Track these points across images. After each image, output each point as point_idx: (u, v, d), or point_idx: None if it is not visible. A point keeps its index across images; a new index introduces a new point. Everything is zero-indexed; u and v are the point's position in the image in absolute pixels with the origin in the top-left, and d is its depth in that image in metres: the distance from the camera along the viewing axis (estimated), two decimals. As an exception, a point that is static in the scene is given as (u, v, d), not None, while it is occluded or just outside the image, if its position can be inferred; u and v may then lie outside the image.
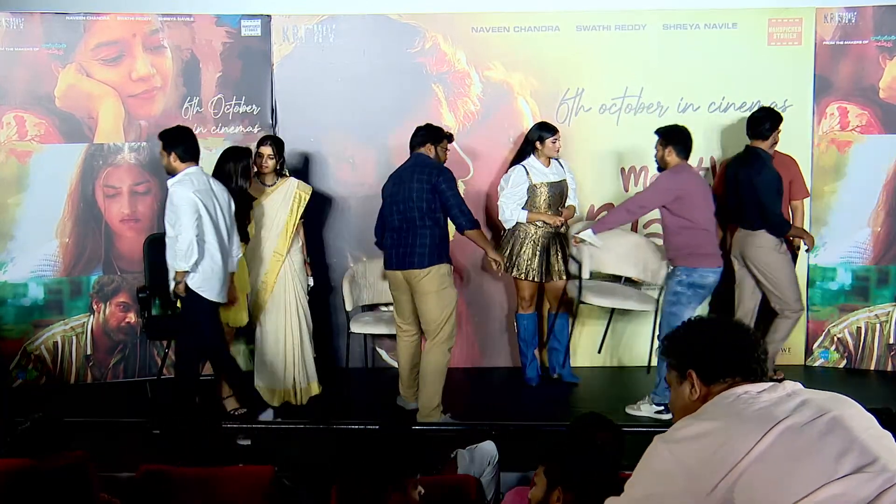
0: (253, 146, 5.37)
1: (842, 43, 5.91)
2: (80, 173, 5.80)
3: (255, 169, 5.37)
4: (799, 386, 2.19)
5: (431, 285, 5.04)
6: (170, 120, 5.88)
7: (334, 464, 2.71)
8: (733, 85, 5.96)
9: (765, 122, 5.40)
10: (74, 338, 5.89)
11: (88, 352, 5.92)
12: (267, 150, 5.38)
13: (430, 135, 5.25)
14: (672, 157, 5.05)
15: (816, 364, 6.09)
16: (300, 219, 5.52)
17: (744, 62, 5.94)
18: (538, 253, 5.53)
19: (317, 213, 5.91)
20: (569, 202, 5.67)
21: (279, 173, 5.46)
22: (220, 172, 5.16)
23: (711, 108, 5.99)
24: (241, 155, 5.23)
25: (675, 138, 5.05)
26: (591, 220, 5.83)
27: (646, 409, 5.20)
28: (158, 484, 2.97)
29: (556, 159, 5.62)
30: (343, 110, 6.03)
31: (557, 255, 5.57)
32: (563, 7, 6.05)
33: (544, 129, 5.55)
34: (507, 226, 5.60)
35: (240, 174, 5.16)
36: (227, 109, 5.98)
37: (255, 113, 6.02)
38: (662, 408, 5.13)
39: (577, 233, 5.46)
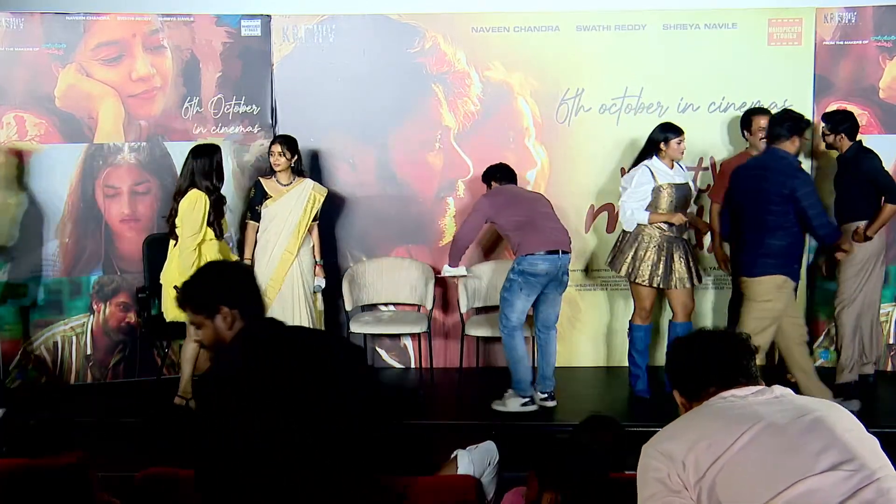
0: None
1: (842, 43, 5.92)
2: (80, 173, 5.80)
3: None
4: (788, 390, 2.25)
5: (756, 293, 4.95)
6: (170, 120, 5.90)
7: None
8: (733, 85, 5.96)
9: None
10: (74, 338, 5.89)
11: (88, 352, 5.92)
12: (276, 147, 5.47)
13: (796, 126, 4.94)
14: (494, 184, 5.52)
15: (816, 364, 6.07)
16: (314, 220, 5.58)
17: (744, 62, 5.94)
18: (663, 258, 5.30)
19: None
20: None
21: (295, 172, 5.54)
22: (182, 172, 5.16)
23: (711, 108, 5.99)
24: (198, 153, 5.17)
25: (490, 176, 5.53)
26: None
27: (511, 404, 5.26)
28: (158, 487, 2.96)
29: (679, 163, 5.47)
30: (343, 110, 6.03)
31: (681, 260, 5.33)
32: (563, 7, 6.05)
33: (669, 130, 5.33)
34: (628, 227, 5.36)
35: (198, 173, 5.11)
36: (227, 109, 5.98)
37: (255, 113, 6.02)
38: (528, 399, 5.26)
39: (442, 273, 5.70)
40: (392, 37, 5.99)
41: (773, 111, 5.69)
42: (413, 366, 6.23)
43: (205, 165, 5.13)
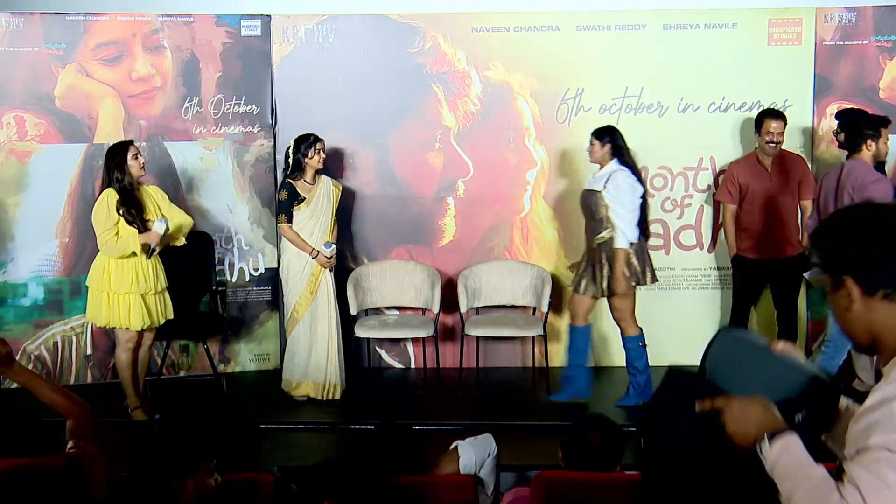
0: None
1: (842, 43, 5.92)
2: (80, 173, 5.79)
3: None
4: None
5: None
6: (170, 120, 5.90)
7: (333, 463, 2.70)
8: (733, 85, 5.96)
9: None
10: (74, 338, 5.89)
11: (88, 352, 5.92)
12: (321, 144, 5.46)
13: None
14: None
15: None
16: None
17: (744, 62, 5.94)
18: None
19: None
20: None
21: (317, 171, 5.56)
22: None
23: (711, 108, 5.99)
24: (110, 153, 5.15)
25: None
26: None
27: None
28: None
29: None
30: (343, 110, 6.03)
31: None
32: (563, 7, 6.05)
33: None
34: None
35: (106, 171, 5.09)
36: (227, 109, 5.98)
37: (255, 113, 6.02)
38: None
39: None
40: (392, 37, 5.99)
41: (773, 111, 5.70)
42: (413, 366, 6.23)
43: (111, 163, 5.07)
